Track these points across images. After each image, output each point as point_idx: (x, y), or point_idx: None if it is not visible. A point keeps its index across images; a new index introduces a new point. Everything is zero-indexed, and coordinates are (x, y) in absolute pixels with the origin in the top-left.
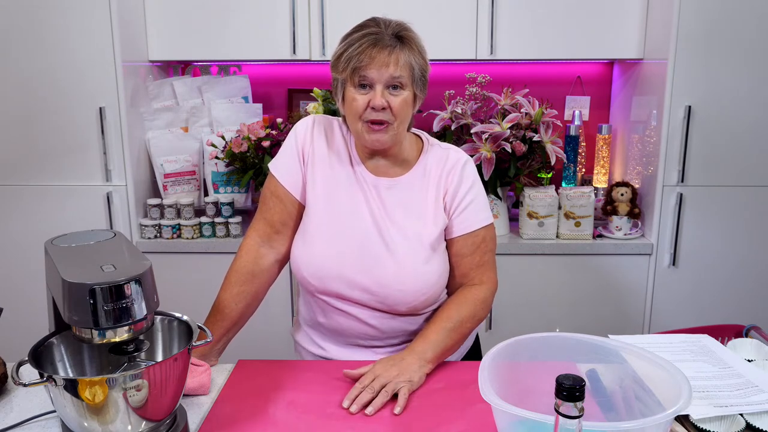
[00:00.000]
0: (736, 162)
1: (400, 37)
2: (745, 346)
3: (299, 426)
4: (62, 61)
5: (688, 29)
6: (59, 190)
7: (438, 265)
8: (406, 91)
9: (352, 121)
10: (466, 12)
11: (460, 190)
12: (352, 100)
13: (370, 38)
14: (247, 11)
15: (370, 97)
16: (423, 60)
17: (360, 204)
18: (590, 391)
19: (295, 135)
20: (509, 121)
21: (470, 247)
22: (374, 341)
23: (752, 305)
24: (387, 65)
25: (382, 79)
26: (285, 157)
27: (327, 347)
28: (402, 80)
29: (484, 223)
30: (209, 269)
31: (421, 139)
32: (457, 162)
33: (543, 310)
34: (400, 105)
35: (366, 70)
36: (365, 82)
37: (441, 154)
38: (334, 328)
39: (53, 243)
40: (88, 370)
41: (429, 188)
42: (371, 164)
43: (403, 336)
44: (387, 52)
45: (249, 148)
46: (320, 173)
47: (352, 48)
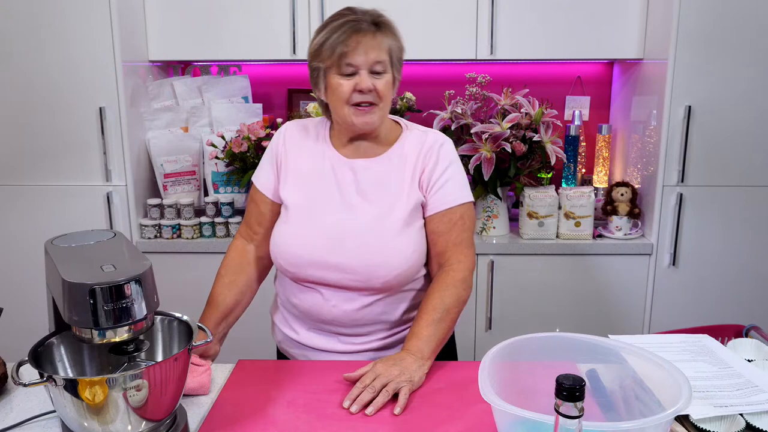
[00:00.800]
0: (736, 162)
1: (378, 23)
2: (745, 346)
3: (299, 426)
4: (62, 61)
5: (688, 29)
6: (59, 190)
7: (410, 240)
8: (387, 74)
9: (338, 106)
10: (466, 12)
11: (437, 169)
12: (337, 86)
13: (351, 25)
14: (247, 11)
15: (355, 81)
16: (400, 43)
17: (332, 188)
18: (590, 391)
19: (270, 143)
20: (509, 121)
21: (447, 225)
22: (342, 328)
23: (752, 305)
24: (371, 50)
25: (366, 63)
26: (262, 164)
27: (298, 329)
28: (384, 63)
29: (460, 201)
30: (209, 269)
31: (399, 124)
32: (435, 142)
33: (543, 310)
34: (384, 87)
35: (351, 56)
36: (350, 69)
37: (420, 135)
38: (304, 310)
39: (53, 243)
40: (88, 370)
41: (406, 166)
42: (351, 148)
43: (371, 325)
44: (369, 37)
45: (249, 148)
46: (293, 170)
47: (335, 35)
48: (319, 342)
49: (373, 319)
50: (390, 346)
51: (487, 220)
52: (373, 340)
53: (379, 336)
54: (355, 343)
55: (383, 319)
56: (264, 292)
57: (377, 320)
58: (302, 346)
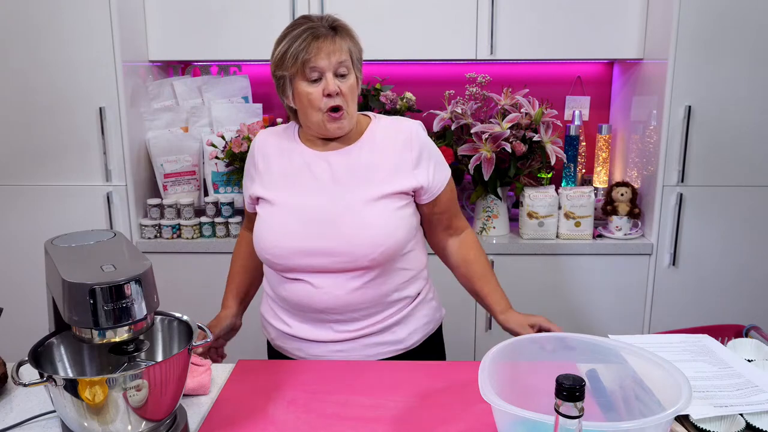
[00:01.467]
0: (736, 162)
1: (335, 28)
2: (745, 346)
3: (299, 426)
4: (62, 61)
5: (688, 29)
6: (59, 190)
7: (392, 217)
8: (351, 75)
9: (310, 113)
10: (466, 12)
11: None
12: (306, 94)
13: (311, 32)
14: (247, 11)
15: (322, 86)
16: (358, 45)
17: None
18: (590, 391)
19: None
20: (509, 121)
21: (447, 203)
22: (335, 315)
23: (752, 305)
24: (333, 53)
25: (330, 66)
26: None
27: (290, 323)
28: (347, 64)
29: (448, 177)
30: (209, 269)
31: (368, 116)
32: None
33: (543, 310)
34: (349, 89)
35: (315, 61)
36: (315, 75)
37: (391, 122)
38: (296, 303)
39: (53, 243)
40: (88, 370)
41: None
42: (321, 143)
43: (362, 310)
44: (329, 41)
45: (249, 148)
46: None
47: (296, 44)
48: (313, 333)
49: (365, 302)
50: (382, 330)
51: (487, 220)
52: (366, 325)
53: (372, 321)
54: (349, 330)
55: (375, 301)
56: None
57: (369, 303)
58: (296, 339)
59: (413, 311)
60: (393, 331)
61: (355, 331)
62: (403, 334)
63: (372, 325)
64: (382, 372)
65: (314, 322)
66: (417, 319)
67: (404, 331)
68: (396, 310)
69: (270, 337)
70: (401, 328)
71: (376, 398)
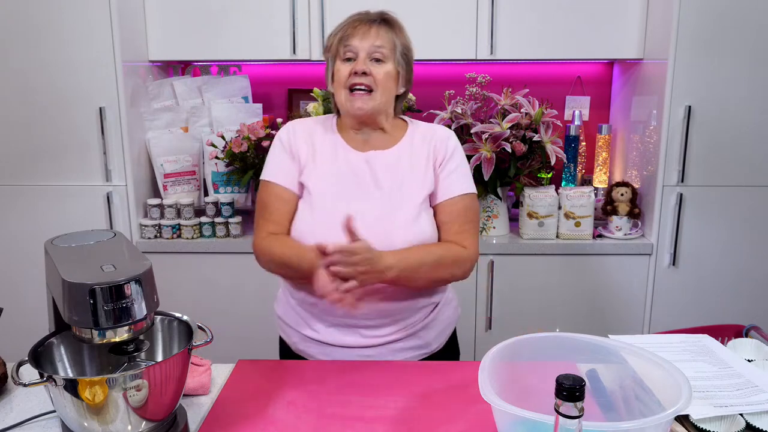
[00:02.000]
0: (736, 162)
1: (385, 19)
2: (745, 346)
3: (299, 426)
4: (62, 61)
5: (688, 29)
6: (59, 190)
7: (426, 226)
8: (388, 64)
9: (337, 91)
10: (466, 12)
11: (446, 160)
12: (336, 71)
13: (356, 16)
14: (247, 11)
15: (353, 65)
16: (406, 40)
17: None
18: (590, 391)
19: (279, 139)
20: (509, 121)
21: (449, 215)
22: (365, 320)
23: (752, 305)
24: (368, 35)
25: (364, 47)
26: (275, 160)
27: (317, 328)
28: (383, 51)
29: (463, 191)
30: (209, 269)
31: (404, 120)
32: (443, 135)
33: (543, 310)
34: (382, 75)
35: (349, 39)
36: (350, 54)
37: (428, 128)
38: (326, 307)
39: (53, 243)
40: (88, 370)
41: (418, 158)
42: (360, 138)
43: (393, 315)
44: (369, 25)
45: (249, 148)
46: (309, 159)
47: (340, 27)
48: (341, 338)
49: (396, 308)
50: (410, 335)
51: (487, 220)
52: (395, 330)
53: (400, 326)
54: (377, 335)
55: (405, 306)
56: (263, 292)
57: (399, 308)
58: (323, 344)
59: (438, 314)
60: (420, 336)
61: (384, 337)
62: (430, 338)
63: (400, 330)
64: (382, 372)
65: (342, 327)
66: (441, 321)
67: (430, 334)
68: (423, 315)
69: (291, 341)
70: (427, 332)
71: (376, 398)
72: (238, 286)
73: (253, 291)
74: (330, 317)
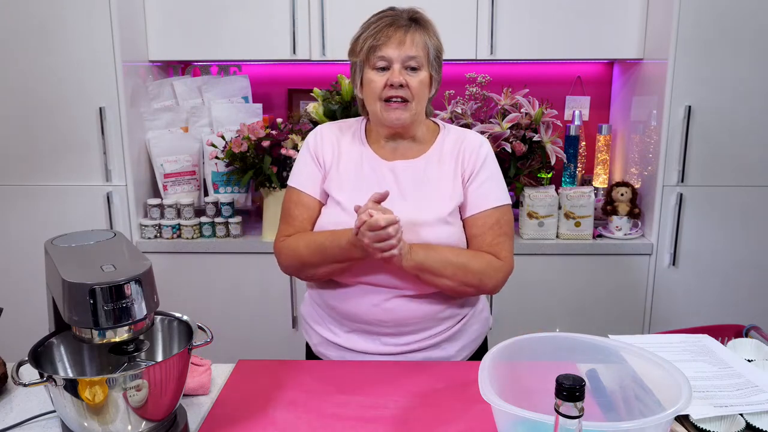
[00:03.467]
0: (736, 162)
1: (415, 19)
2: (745, 346)
3: (299, 426)
4: (62, 61)
5: (688, 29)
6: (59, 190)
7: (452, 238)
8: (422, 72)
9: (371, 102)
10: (466, 12)
11: (477, 170)
12: (370, 81)
13: (386, 20)
14: (247, 11)
15: (387, 76)
16: (437, 41)
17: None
18: (590, 391)
19: (307, 146)
20: (509, 121)
21: (482, 228)
22: (385, 328)
23: (752, 305)
24: (403, 43)
25: (399, 57)
26: (301, 167)
27: (337, 331)
28: (418, 60)
29: (497, 204)
30: (209, 269)
31: (437, 125)
32: (475, 143)
33: (543, 310)
34: (417, 85)
35: (383, 49)
36: (383, 63)
37: (458, 134)
38: (346, 312)
39: (53, 243)
40: (88, 370)
41: (445, 166)
42: (389, 147)
43: (415, 324)
44: (403, 31)
45: (249, 148)
46: (335, 167)
47: (368, 30)
48: (360, 344)
49: (417, 318)
50: (432, 346)
51: None
52: (416, 340)
53: (422, 336)
54: (398, 344)
55: (427, 317)
56: (263, 293)
57: (421, 318)
58: (342, 348)
59: (464, 327)
60: (443, 348)
61: (404, 345)
62: (453, 351)
63: (422, 340)
64: (382, 372)
65: (363, 333)
66: (468, 334)
67: (454, 347)
68: (447, 326)
69: (312, 342)
70: (451, 345)
71: (376, 398)
72: (238, 286)
73: (253, 291)
74: (350, 322)
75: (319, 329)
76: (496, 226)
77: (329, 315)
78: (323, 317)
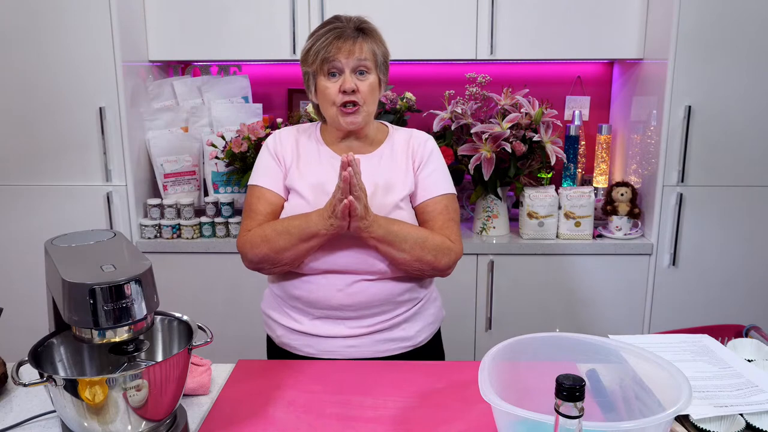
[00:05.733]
0: (736, 162)
1: (362, 29)
2: (745, 346)
3: (299, 426)
4: (62, 61)
5: (688, 29)
6: (59, 190)
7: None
8: (371, 75)
9: (326, 108)
10: (466, 12)
11: (425, 163)
12: (324, 88)
13: (335, 32)
14: (247, 11)
15: (340, 83)
16: (384, 48)
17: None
18: (590, 391)
19: (266, 147)
20: (509, 121)
21: (433, 213)
22: (349, 311)
23: (752, 305)
24: (353, 53)
25: (349, 64)
26: (262, 166)
27: (300, 319)
28: (367, 64)
29: (443, 192)
30: (209, 269)
31: (385, 125)
32: (420, 139)
33: (543, 310)
34: (368, 88)
35: (334, 60)
36: (334, 71)
37: (406, 132)
38: (311, 301)
39: (53, 243)
40: (88, 370)
41: (397, 159)
42: (344, 146)
43: (376, 306)
44: (351, 42)
45: (249, 148)
46: (294, 167)
47: (319, 42)
48: (325, 329)
49: (379, 300)
50: (393, 327)
51: (487, 220)
52: (378, 322)
53: (384, 318)
54: (362, 326)
55: (388, 299)
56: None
57: (383, 301)
58: (307, 335)
59: (421, 309)
60: (403, 328)
61: (368, 327)
62: (412, 332)
63: (383, 321)
64: (382, 372)
65: (327, 319)
66: (425, 317)
67: (413, 328)
68: (406, 308)
69: (275, 335)
70: (411, 326)
71: (376, 398)
72: (238, 286)
73: (253, 291)
74: (315, 309)
75: (282, 320)
76: (445, 212)
77: (292, 306)
78: (285, 309)
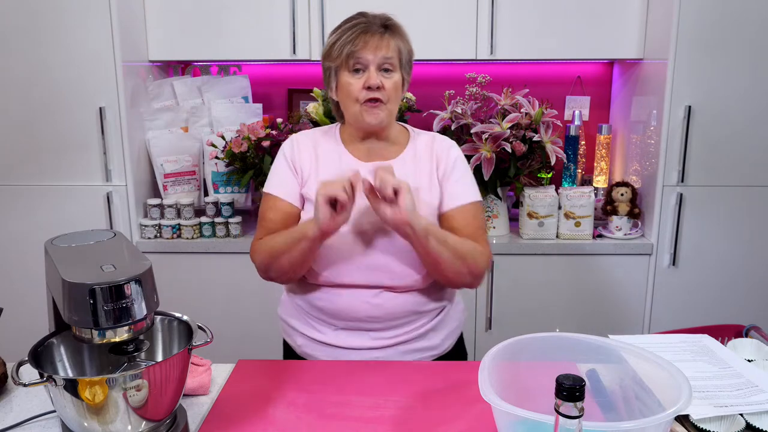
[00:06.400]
0: (736, 162)
1: (387, 26)
2: (745, 346)
3: (299, 426)
4: (62, 61)
5: (688, 29)
6: (59, 190)
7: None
8: (396, 74)
9: (349, 104)
10: (466, 12)
11: (450, 170)
12: (347, 84)
13: (361, 26)
14: (247, 11)
15: (364, 79)
16: (409, 46)
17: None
18: (590, 391)
19: (282, 153)
20: (509, 121)
21: (462, 221)
22: (374, 323)
23: (752, 305)
24: (380, 48)
25: (375, 60)
26: (277, 174)
27: (323, 330)
28: (392, 62)
29: (471, 199)
30: (209, 269)
31: (406, 128)
32: (444, 144)
33: (543, 310)
34: (392, 86)
35: (360, 54)
36: (359, 66)
37: (428, 138)
38: (334, 312)
39: (53, 243)
40: (88, 370)
41: (421, 165)
42: (364, 148)
43: (403, 317)
44: (378, 36)
45: (249, 148)
46: (312, 172)
47: (344, 36)
48: (349, 341)
49: (405, 312)
50: (418, 337)
51: (487, 220)
52: (403, 332)
53: (409, 328)
54: (386, 337)
55: (415, 310)
56: (263, 293)
57: (409, 312)
58: (330, 346)
59: (445, 317)
60: (428, 338)
61: (392, 338)
62: (438, 340)
63: (409, 332)
64: (382, 372)
65: (352, 330)
66: (449, 324)
67: (438, 336)
68: (430, 318)
69: (295, 344)
70: (436, 334)
71: (376, 398)
72: (238, 286)
73: (253, 291)
74: (339, 321)
75: (303, 329)
76: (473, 220)
77: (315, 316)
78: (307, 319)
